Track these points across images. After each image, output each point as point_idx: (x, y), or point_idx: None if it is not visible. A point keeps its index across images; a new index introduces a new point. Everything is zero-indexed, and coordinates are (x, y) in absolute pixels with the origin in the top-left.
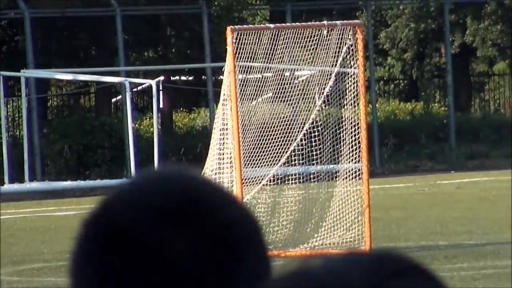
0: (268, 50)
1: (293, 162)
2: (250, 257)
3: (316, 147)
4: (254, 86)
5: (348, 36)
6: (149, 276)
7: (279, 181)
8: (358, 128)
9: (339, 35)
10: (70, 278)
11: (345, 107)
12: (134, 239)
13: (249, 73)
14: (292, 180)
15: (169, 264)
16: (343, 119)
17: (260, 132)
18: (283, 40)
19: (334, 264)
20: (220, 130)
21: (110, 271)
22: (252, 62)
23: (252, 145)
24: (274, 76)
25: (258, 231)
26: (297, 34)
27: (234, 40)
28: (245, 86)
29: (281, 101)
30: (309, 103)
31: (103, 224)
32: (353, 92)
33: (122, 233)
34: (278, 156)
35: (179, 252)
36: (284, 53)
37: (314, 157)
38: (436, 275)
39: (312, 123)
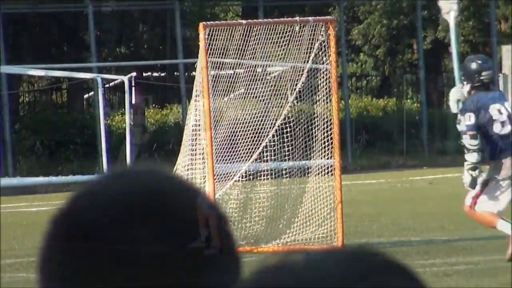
0: (240, 46)
1: (265, 158)
2: (219, 254)
3: (288, 143)
4: (226, 82)
5: (320, 32)
6: (113, 274)
7: (251, 177)
8: (330, 124)
9: (311, 31)
10: (38, 274)
11: (317, 103)
12: (100, 237)
13: (221, 69)
14: (264, 176)
15: (134, 262)
16: (315, 115)
17: (232, 128)
18: (255, 36)
19: (315, 260)
20: (193, 126)
21: (75, 268)
22: (224, 58)
23: (224, 141)
24: (246, 72)
25: (227, 228)
26: (269, 30)
27: (206, 36)
28: (217, 82)
29: (253, 97)
30: (281, 99)
31: (70, 221)
32: (326, 88)
33: (88, 231)
34: (250, 152)
35: (144, 250)
36: (256, 49)
37: (286, 153)
38: (416, 274)
39: (284, 119)
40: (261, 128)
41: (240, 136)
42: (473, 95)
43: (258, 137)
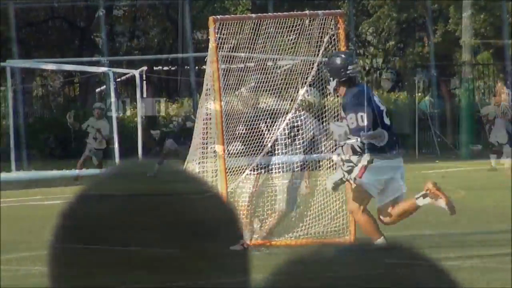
0: (250, 40)
1: (276, 152)
2: (225, 249)
3: (299, 136)
4: (236, 76)
5: (330, 26)
6: (121, 267)
7: (262, 170)
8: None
9: (321, 25)
10: (48, 268)
11: (328, 96)
12: (108, 230)
13: (232, 63)
14: (275, 169)
15: (142, 263)
16: (326, 108)
17: (243, 122)
18: (265, 30)
19: (345, 253)
20: (203, 120)
21: (81, 268)
22: (235, 52)
23: (235, 134)
24: (257, 66)
25: (234, 221)
26: (279, 24)
27: (216, 30)
28: (227, 76)
29: (264, 90)
30: (292, 92)
31: (78, 214)
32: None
33: (96, 224)
34: (262, 146)
35: (152, 244)
36: (266, 43)
37: (297, 146)
38: (442, 266)
39: (295, 112)
40: (272, 122)
41: (251, 129)
42: (349, 91)
43: (269, 131)
